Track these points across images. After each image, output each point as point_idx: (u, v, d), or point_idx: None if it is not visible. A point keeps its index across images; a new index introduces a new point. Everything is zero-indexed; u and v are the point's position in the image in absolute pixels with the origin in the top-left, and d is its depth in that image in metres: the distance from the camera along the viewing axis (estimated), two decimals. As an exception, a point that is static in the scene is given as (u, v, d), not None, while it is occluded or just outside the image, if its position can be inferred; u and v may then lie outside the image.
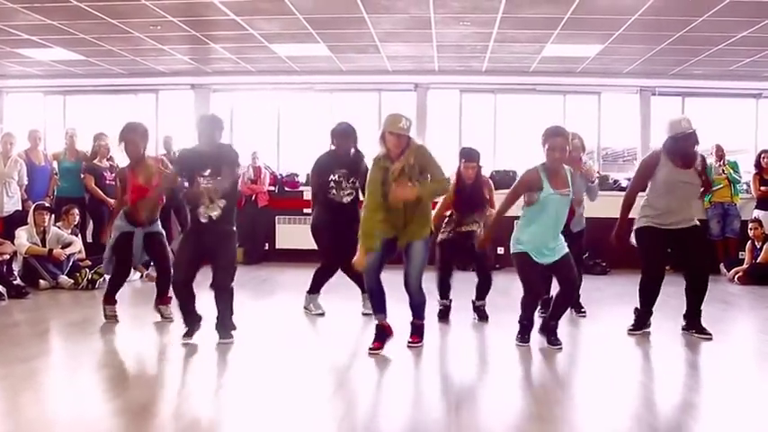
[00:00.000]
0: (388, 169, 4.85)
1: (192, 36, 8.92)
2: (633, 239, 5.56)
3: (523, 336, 5.18)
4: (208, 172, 5.11)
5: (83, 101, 12.09)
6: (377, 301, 5.08)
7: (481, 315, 6.23)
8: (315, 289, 6.54)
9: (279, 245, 11.12)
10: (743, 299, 7.77)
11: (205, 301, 5.33)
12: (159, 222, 6.18)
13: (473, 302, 6.27)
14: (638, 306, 5.62)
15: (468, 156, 6.05)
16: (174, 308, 5.90)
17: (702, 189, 5.64)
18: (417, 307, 5.13)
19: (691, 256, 5.45)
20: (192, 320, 5.30)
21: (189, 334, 5.26)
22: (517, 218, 5.18)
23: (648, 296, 5.52)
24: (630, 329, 5.62)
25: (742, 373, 4.69)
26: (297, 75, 11.20)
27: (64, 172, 9.53)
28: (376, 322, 5.08)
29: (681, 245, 5.42)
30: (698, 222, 5.58)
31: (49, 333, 6.01)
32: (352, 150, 6.27)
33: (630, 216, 5.55)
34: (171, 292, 5.86)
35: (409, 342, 5.12)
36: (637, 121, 11.38)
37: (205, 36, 8.96)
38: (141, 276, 8.54)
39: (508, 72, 10.91)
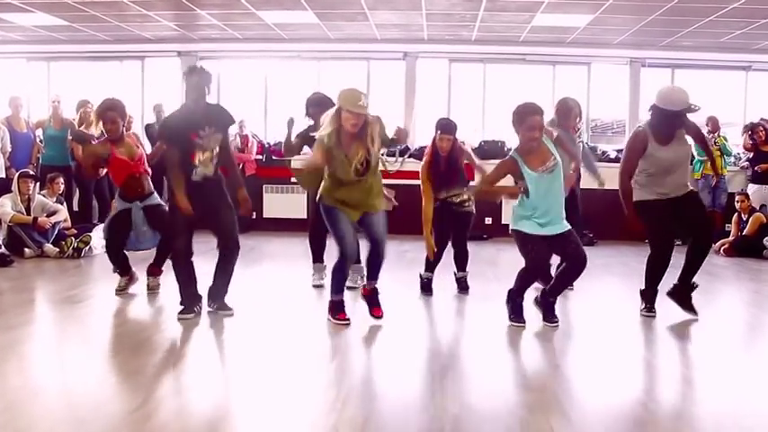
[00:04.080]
0: (330, 150, 4.63)
1: (177, 2, 8.77)
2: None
3: (519, 316, 4.91)
4: (207, 130, 4.94)
5: (67, 67, 11.91)
6: (344, 283, 4.99)
7: (462, 287, 6.10)
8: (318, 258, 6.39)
9: (266, 214, 11.08)
10: (728, 270, 7.83)
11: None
12: (156, 194, 5.97)
13: (454, 274, 6.14)
14: (644, 286, 5.30)
15: (445, 127, 5.78)
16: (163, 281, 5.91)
17: (706, 160, 5.29)
18: (379, 261, 4.90)
19: (693, 221, 5.20)
20: (192, 298, 5.13)
21: (187, 311, 5.04)
22: None
23: (657, 273, 5.21)
24: (644, 311, 5.26)
25: (730, 345, 4.72)
26: (284, 42, 11.06)
27: (49, 140, 9.41)
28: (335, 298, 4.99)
29: (680, 213, 5.16)
30: (693, 188, 5.35)
31: (34, 302, 5.99)
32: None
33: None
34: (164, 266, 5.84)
35: (374, 315, 4.98)
36: (626, 92, 11.36)
37: (191, 2, 8.81)
38: None
39: (498, 42, 10.83)
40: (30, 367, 3.94)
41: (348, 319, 4.91)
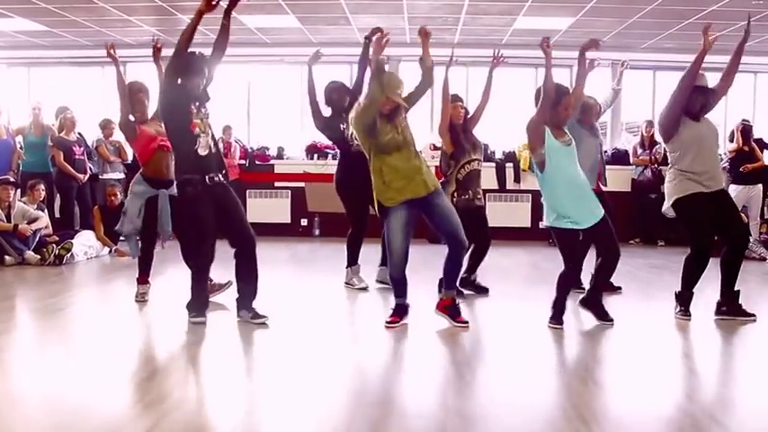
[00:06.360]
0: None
1: (158, 7, 8.74)
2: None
3: (558, 318, 4.84)
4: (196, 105, 4.98)
5: (48, 73, 11.84)
6: (402, 288, 4.88)
7: (479, 289, 6.00)
8: (353, 261, 6.29)
9: (250, 218, 10.68)
10: (710, 271, 7.73)
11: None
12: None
13: (466, 278, 5.88)
14: (681, 288, 5.23)
15: (454, 96, 6.26)
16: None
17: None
18: (455, 267, 4.83)
19: (731, 220, 5.16)
20: (206, 304, 5.02)
21: (201, 315, 4.91)
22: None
23: (697, 274, 5.19)
24: (682, 315, 5.19)
25: (707, 346, 4.79)
26: (267, 47, 11.06)
27: (29, 146, 9.35)
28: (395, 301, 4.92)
29: (719, 209, 5.09)
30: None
31: (15, 309, 5.93)
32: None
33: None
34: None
35: (459, 323, 4.83)
36: (608, 94, 11.39)
37: (172, 6, 8.79)
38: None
39: (480, 45, 10.83)
40: (11, 375, 3.89)
41: (393, 323, 4.85)
